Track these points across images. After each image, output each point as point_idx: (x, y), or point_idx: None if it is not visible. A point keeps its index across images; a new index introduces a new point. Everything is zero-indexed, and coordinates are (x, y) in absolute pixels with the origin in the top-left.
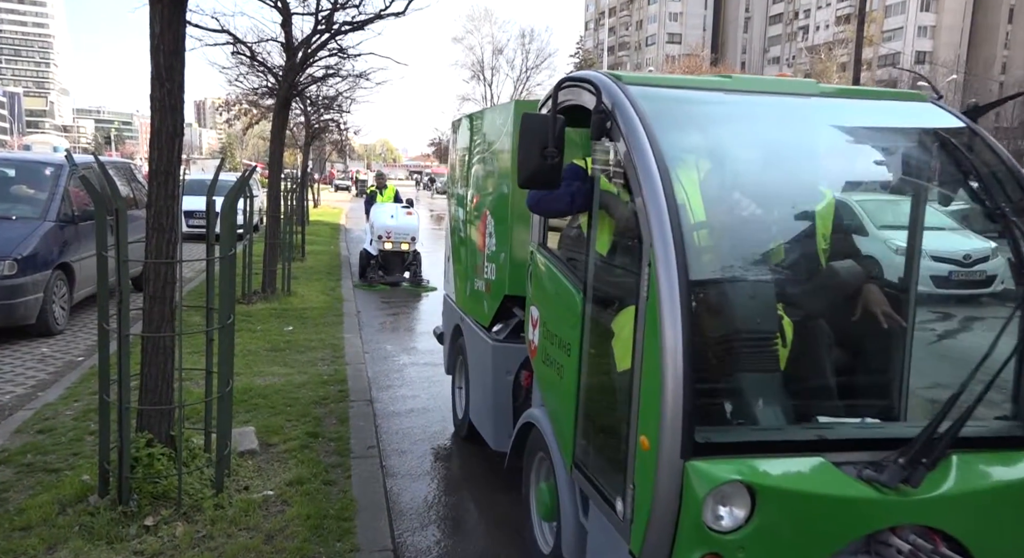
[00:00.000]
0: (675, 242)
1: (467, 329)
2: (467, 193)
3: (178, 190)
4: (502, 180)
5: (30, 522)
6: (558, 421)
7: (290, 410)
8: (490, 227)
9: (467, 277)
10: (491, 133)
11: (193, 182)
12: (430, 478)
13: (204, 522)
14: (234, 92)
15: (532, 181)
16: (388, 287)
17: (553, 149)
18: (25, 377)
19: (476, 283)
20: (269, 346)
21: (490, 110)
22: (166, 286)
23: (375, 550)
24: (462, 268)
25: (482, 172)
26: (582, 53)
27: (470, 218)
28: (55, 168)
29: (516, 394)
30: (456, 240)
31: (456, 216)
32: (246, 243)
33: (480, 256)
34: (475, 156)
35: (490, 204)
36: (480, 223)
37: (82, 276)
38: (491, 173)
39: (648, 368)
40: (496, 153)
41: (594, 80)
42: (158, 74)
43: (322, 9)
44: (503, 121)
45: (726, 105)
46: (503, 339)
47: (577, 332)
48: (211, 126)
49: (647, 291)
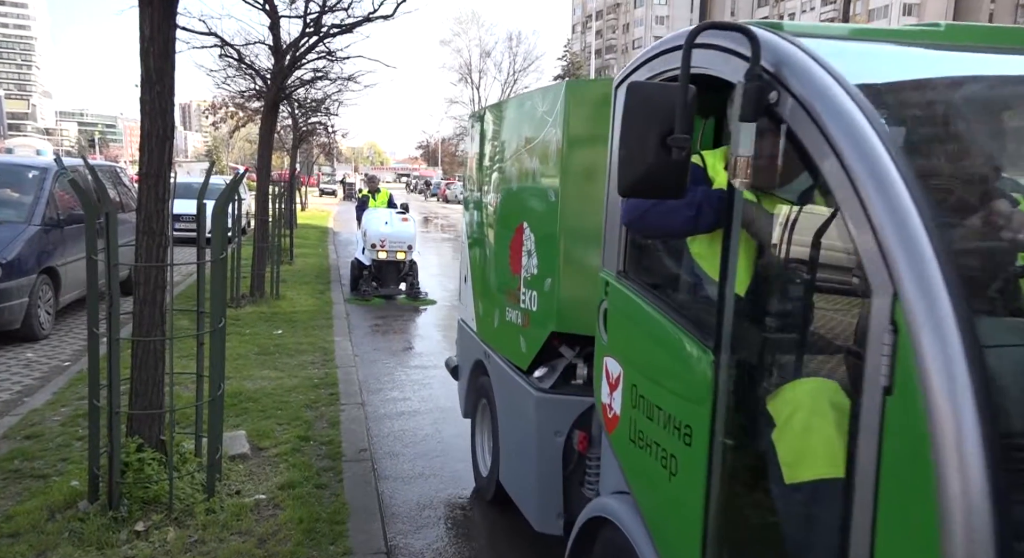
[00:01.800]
0: (949, 288)
1: (495, 369)
2: (493, 200)
3: (168, 193)
4: (547, 184)
5: (19, 528)
6: (664, 531)
7: (281, 414)
8: (529, 244)
9: (494, 303)
10: (529, 125)
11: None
12: (423, 480)
13: (196, 527)
14: (221, 95)
15: (644, 185)
16: (383, 300)
17: (683, 136)
18: (11, 383)
19: (508, 313)
20: (259, 350)
21: (526, 96)
22: (156, 290)
23: (368, 553)
24: (486, 292)
25: (516, 174)
26: (569, 56)
27: (498, 231)
28: (40, 171)
29: (567, 459)
30: (476, 257)
31: (476, 228)
32: (234, 247)
33: (514, 280)
34: (505, 155)
35: (529, 214)
36: (514, 238)
37: (68, 280)
38: (530, 175)
39: (899, 500)
40: (537, 150)
41: (749, 31)
42: (148, 77)
43: (310, 12)
44: (549, 108)
45: (949, 64)
46: (550, 388)
47: (704, 411)
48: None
49: (889, 371)
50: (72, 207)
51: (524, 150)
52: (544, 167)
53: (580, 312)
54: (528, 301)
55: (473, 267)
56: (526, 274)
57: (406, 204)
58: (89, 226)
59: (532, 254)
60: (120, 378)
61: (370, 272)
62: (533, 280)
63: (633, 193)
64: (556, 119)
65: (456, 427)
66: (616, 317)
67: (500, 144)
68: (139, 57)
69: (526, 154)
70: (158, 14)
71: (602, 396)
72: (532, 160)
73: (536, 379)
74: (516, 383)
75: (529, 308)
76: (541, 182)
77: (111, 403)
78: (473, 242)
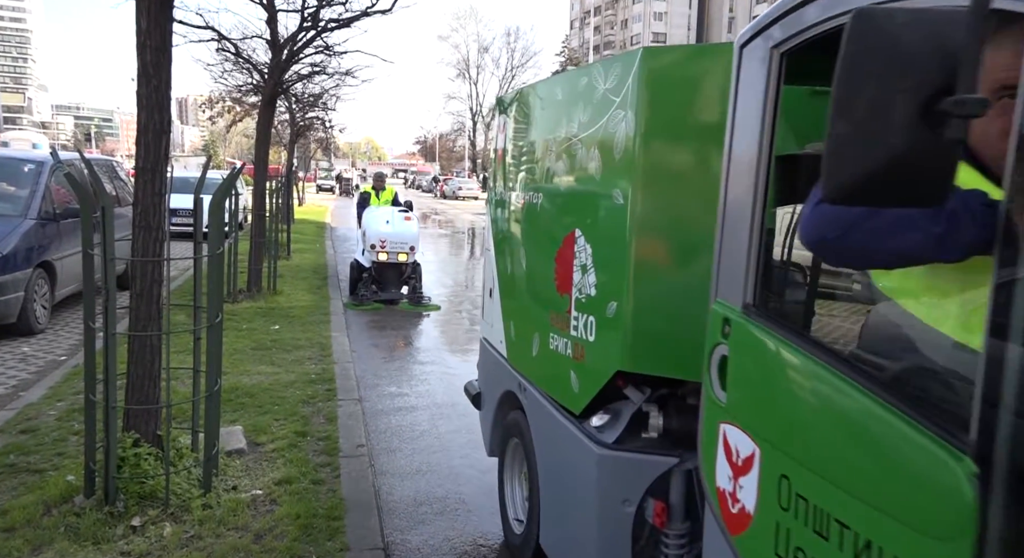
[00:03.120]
0: None
1: (534, 407)
2: (530, 202)
3: (165, 188)
4: (611, 182)
5: (14, 523)
6: None
7: (278, 409)
8: (583, 256)
9: (531, 326)
10: (584, 108)
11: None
12: (420, 476)
13: (192, 522)
14: (218, 89)
15: (880, 183)
16: (383, 306)
17: (973, 98)
18: (6, 377)
19: (553, 340)
20: (255, 345)
21: (579, 72)
22: (153, 284)
23: (365, 549)
24: (521, 312)
25: (564, 170)
26: (567, 51)
27: (538, 240)
28: (36, 165)
29: (638, 532)
30: (506, 268)
31: (505, 234)
32: (231, 241)
33: (562, 300)
34: (547, 146)
35: (584, 220)
36: (562, 249)
37: (64, 274)
38: (585, 171)
39: None
40: (597, 139)
41: None
42: (144, 71)
43: (308, 6)
44: (615, 85)
45: None
46: (615, 443)
47: (958, 553)
48: (193, 123)
49: None
50: (68, 201)
51: (577, 140)
52: (607, 161)
53: (658, 347)
54: (582, 328)
55: (501, 280)
56: (579, 294)
57: (409, 202)
58: (85, 220)
59: (588, 270)
60: (117, 373)
61: (370, 275)
62: (590, 303)
63: (858, 194)
64: (626, 99)
65: (453, 423)
66: (745, 371)
67: (540, 133)
68: (135, 51)
69: (580, 145)
70: (154, 7)
71: (717, 477)
72: (589, 152)
73: (595, 428)
74: (566, 431)
75: (583, 337)
76: (603, 180)
77: (107, 398)
78: (501, 251)
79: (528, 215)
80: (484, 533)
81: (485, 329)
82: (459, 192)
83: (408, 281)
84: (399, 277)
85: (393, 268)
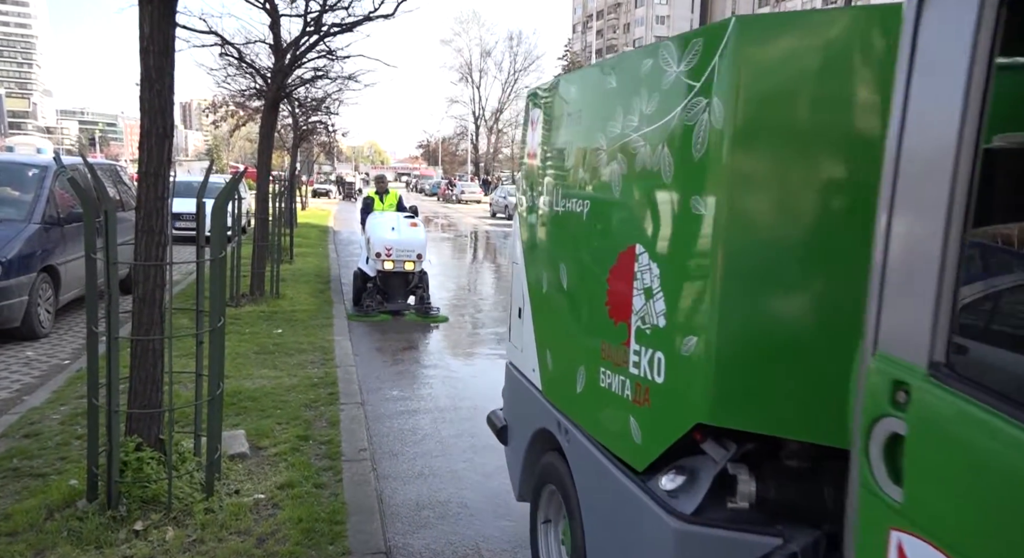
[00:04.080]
0: None
1: (580, 454)
2: (572, 209)
3: (167, 192)
4: (686, 185)
5: (17, 527)
6: None
7: (280, 413)
8: (647, 277)
9: (575, 357)
10: (649, 96)
11: (179, 184)
12: (422, 480)
13: (194, 526)
14: (221, 94)
15: None
16: (389, 317)
17: None
18: (10, 381)
19: (605, 377)
20: (258, 349)
21: (642, 52)
22: (155, 288)
23: (368, 553)
24: (561, 338)
25: (619, 172)
26: (570, 55)
27: (585, 255)
28: (39, 170)
29: None
30: (540, 284)
31: (540, 245)
32: (234, 245)
33: (617, 330)
34: (597, 144)
35: (646, 233)
36: (617, 267)
37: (68, 279)
38: (649, 173)
39: None
40: (667, 134)
41: None
42: (148, 75)
43: (311, 11)
44: (692, 66)
45: None
46: (694, 514)
47: None
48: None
49: None
50: (72, 205)
51: (638, 136)
52: (682, 160)
53: (754, 396)
54: (647, 366)
55: (534, 300)
56: (642, 324)
57: (415, 207)
58: (88, 224)
59: (654, 295)
60: (119, 377)
61: (375, 284)
62: (657, 335)
63: None
64: (712, 82)
65: (456, 427)
66: (940, 461)
67: (585, 130)
68: (139, 55)
69: (642, 142)
70: (158, 12)
71: None
72: (655, 151)
73: (667, 492)
74: (625, 491)
75: (648, 377)
76: (675, 184)
77: (110, 402)
78: (534, 265)
79: (570, 226)
80: (486, 537)
81: (512, 354)
82: (462, 196)
83: (415, 291)
84: (405, 287)
85: (399, 277)
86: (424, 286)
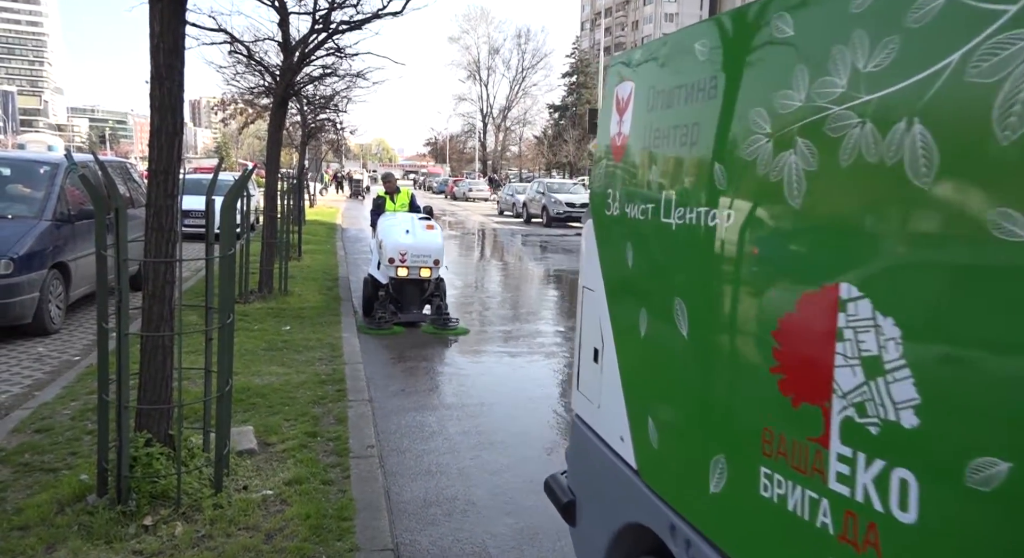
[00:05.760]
0: None
1: None
2: (695, 220)
3: (177, 189)
4: (968, 190)
5: (28, 522)
6: None
7: (288, 409)
8: (872, 341)
9: (708, 439)
10: (870, 46)
11: (188, 182)
12: (430, 477)
13: (203, 522)
14: (230, 91)
15: None
16: (403, 330)
17: None
18: (22, 377)
19: (771, 484)
20: (266, 345)
21: None
22: (165, 285)
23: (375, 550)
24: (672, 402)
25: (801, 165)
26: (578, 53)
27: (723, 288)
28: (51, 167)
29: None
30: (636, 323)
31: (632, 267)
32: (243, 243)
33: (802, 416)
34: (763, 124)
35: (863, 264)
36: (795, 314)
37: (78, 275)
38: (875, 169)
39: None
40: (918, 105)
41: None
42: (158, 73)
43: (319, 9)
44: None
45: None
46: None
47: None
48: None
49: None
50: (83, 203)
51: (845, 109)
52: (961, 147)
53: None
54: (873, 489)
55: (623, 343)
56: (857, 416)
57: (429, 207)
58: (99, 222)
59: (888, 369)
60: (129, 373)
61: (387, 293)
62: (894, 439)
63: None
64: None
65: (463, 424)
66: None
67: (726, 103)
68: (149, 53)
69: (854, 117)
70: (168, 11)
71: None
72: (891, 131)
73: None
74: None
75: (876, 508)
76: (941, 187)
77: (120, 398)
78: (623, 294)
79: (694, 246)
80: (494, 535)
81: (583, 407)
82: (469, 193)
83: (431, 299)
84: (421, 295)
85: (414, 285)
86: (441, 294)
